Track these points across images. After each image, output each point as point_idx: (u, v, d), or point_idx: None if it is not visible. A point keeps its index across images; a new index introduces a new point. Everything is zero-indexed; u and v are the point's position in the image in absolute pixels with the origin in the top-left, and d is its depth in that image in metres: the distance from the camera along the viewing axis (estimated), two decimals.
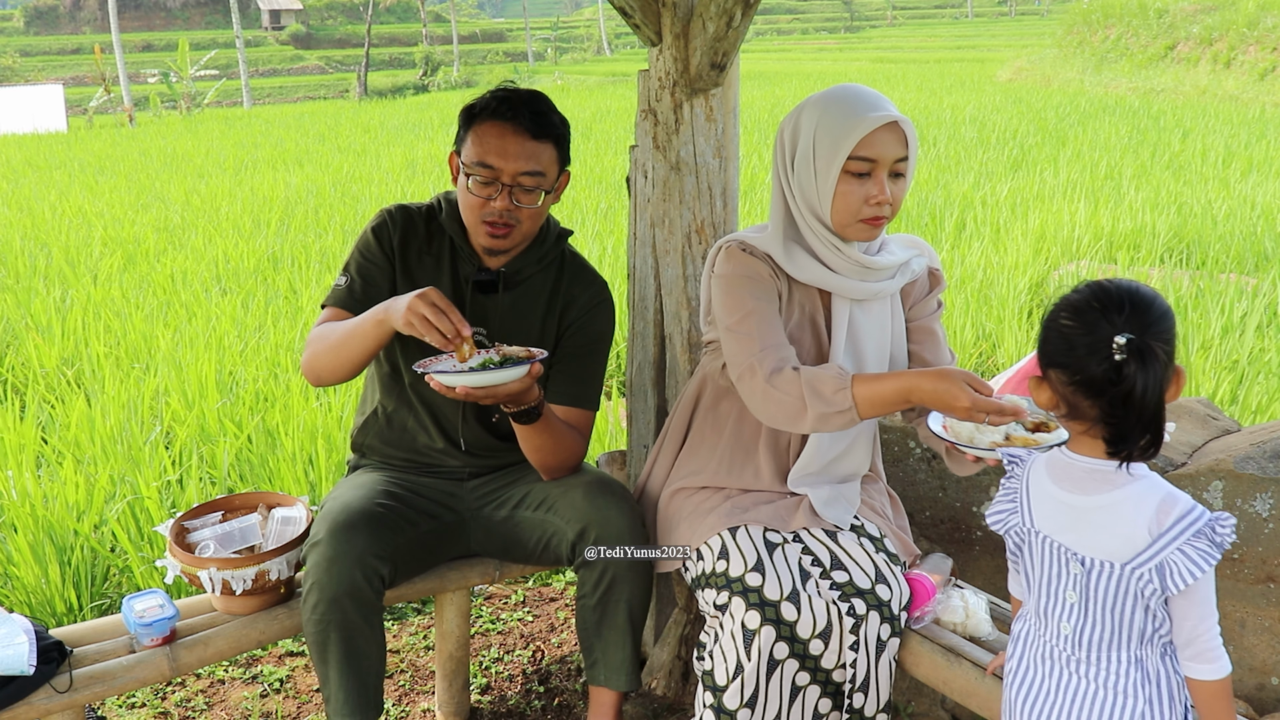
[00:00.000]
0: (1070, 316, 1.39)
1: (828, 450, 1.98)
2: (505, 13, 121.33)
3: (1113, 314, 1.36)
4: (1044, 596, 1.50)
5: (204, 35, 51.55)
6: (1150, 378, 1.34)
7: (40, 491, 3.11)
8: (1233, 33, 22.55)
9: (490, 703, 2.55)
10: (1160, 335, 1.34)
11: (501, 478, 2.20)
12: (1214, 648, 1.40)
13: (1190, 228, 7.05)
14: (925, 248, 2.05)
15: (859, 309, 1.94)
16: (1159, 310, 1.36)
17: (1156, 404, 1.35)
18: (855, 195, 1.80)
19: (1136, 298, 1.36)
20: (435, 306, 1.80)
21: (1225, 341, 4.51)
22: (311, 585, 1.90)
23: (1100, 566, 1.42)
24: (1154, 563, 1.37)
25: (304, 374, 2.06)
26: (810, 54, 49.38)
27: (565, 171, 2.10)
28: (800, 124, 1.85)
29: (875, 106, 1.80)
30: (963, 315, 5.15)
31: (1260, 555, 2.18)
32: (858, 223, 1.83)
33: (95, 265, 6.79)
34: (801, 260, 1.88)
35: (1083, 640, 1.46)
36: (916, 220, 7.77)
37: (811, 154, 1.82)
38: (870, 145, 1.78)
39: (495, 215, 1.99)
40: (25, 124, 23.42)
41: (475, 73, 42.95)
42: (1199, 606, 1.39)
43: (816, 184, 1.82)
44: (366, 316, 1.92)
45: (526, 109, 1.98)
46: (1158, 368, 1.34)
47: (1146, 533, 1.37)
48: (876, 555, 1.88)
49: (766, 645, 1.75)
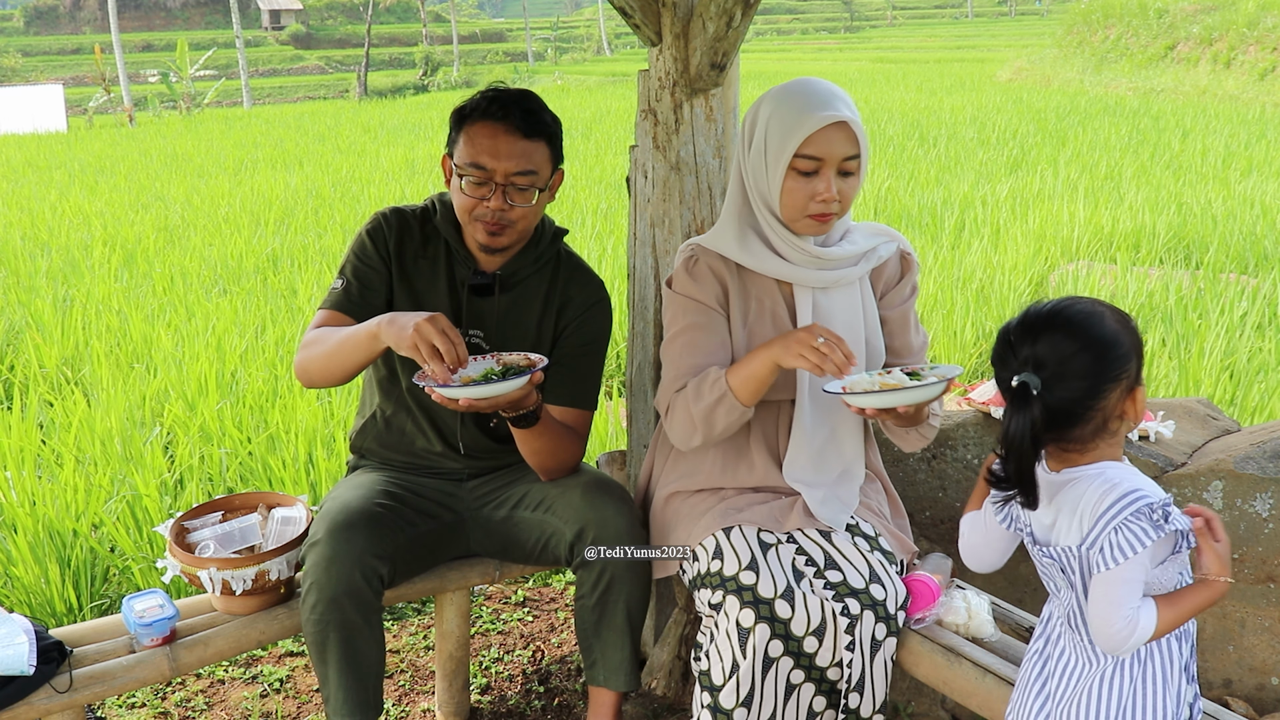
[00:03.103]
0: (999, 339, 1.45)
1: (812, 436, 1.98)
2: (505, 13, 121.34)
3: (1020, 347, 1.40)
4: (1046, 580, 1.54)
5: (204, 35, 51.54)
6: (1017, 424, 1.37)
7: (40, 491, 3.11)
8: (1233, 33, 22.55)
9: (490, 703, 2.55)
10: (1075, 371, 1.36)
11: (500, 478, 2.20)
12: (1118, 634, 1.37)
13: (1190, 228, 7.05)
14: (894, 234, 2.05)
15: (823, 295, 1.95)
16: (1084, 343, 1.37)
17: (1022, 450, 1.37)
18: (802, 192, 1.84)
19: (1052, 333, 1.38)
20: (445, 336, 1.75)
21: (1225, 341, 4.51)
22: (310, 585, 1.90)
23: (1066, 553, 1.44)
24: (1097, 545, 1.38)
25: (296, 375, 2.05)
26: (810, 54, 49.38)
27: (559, 170, 2.09)
28: (757, 117, 1.88)
29: (824, 105, 1.81)
30: (963, 315, 5.15)
31: (1260, 555, 2.18)
32: (805, 218, 1.87)
33: (95, 265, 6.79)
34: (757, 249, 1.92)
35: (1074, 622, 1.49)
36: (917, 220, 7.77)
37: (764, 148, 1.86)
38: (815, 144, 1.81)
39: (490, 216, 1.99)
40: (25, 124, 23.42)
41: (475, 73, 42.93)
42: (1113, 588, 1.36)
43: (767, 178, 1.87)
44: (361, 329, 1.89)
45: (517, 108, 1.97)
46: (1027, 416, 1.36)
47: (1091, 515, 1.39)
48: (871, 555, 1.88)
49: (761, 643, 1.75)
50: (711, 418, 1.87)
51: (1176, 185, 8.95)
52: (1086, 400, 1.38)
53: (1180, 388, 4.05)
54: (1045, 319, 1.40)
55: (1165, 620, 1.38)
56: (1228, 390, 4.05)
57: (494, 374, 1.82)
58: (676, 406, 1.93)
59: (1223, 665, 2.27)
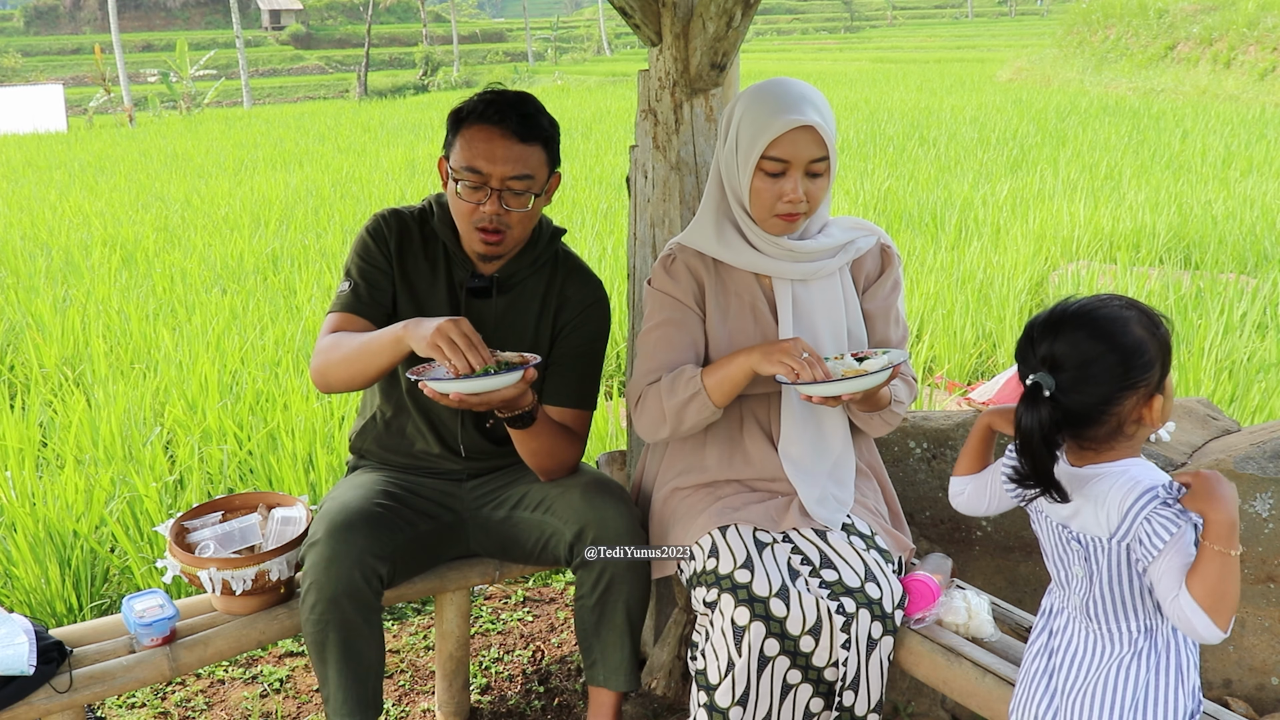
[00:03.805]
0: (1024, 332, 1.45)
1: (802, 422, 1.98)
2: (505, 13, 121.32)
3: (1040, 343, 1.40)
4: (1058, 568, 1.54)
5: (204, 35, 51.55)
6: (1028, 421, 1.38)
7: (40, 491, 3.12)
8: (1233, 33, 22.55)
9: (490, 703, 2.55)
10: (1091, 375, 1.36)
11: (500, 478, 2.20)
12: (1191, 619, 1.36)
13: (1190, 228, 7.05)
14: (872, 228, 2.07)
15: (802, 288, 1.97)
16: (1106, 347, 1.36)
17: (1035, 447, 1.38)
18: (769, 192, 1.86)
19: (1075, 332, 1.37)
20: (467, 338, 1.78)
21: (1225, 341, 4.51)
22: (310, 585, 1.90)
23: (1095, 542, 1.44)
24: (1129, 538, 1.39)
25: (314, 381, 2.04)
26: (810, 54, 49.38)
27: (555, 173, 2.09)
28: (733, 113, 1.91)
29: (791, 109, 1.82)
30: (963, 315, 5.15)
31: (1260, 555, 2.18)
32: (773, 217, 1.89)
33: (95, 265, 6.79)
34: (734, 242, 1.95)
35: (1093, 612, 1.48)
36: (917, 220, 7.77)
37: (735, 147, 1.88)
38: (782, 146, 1.83)
39: (486, 220, 1.98)
40: (25, 124, 23.43)
41: (475, 73, 42.97)
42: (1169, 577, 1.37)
43: (738, 176, 1.89)
44: (385, 334, 1.91)
45: (514, 112, 1.96)
46: (1036, 415, 1.37)
47: (1118, 510, 1.40)
48: (867, 554, 1.88)
49: (757, 641, 1.75)
50: (682, 413, 1.91)
51: (1176, 185, 8.95)
52: (1101, 405, 1.37)
53: (1180, 388, 4.04)
54: (1071, 318, 1.38)
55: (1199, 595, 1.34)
56: (1228, 390, 4.05)
57: (489, 370, 1.82)
58: (648, 398, 1.96)
59: (1223, 665, 2.27)
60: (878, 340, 2.04)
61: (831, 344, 1.97)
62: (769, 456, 2.01)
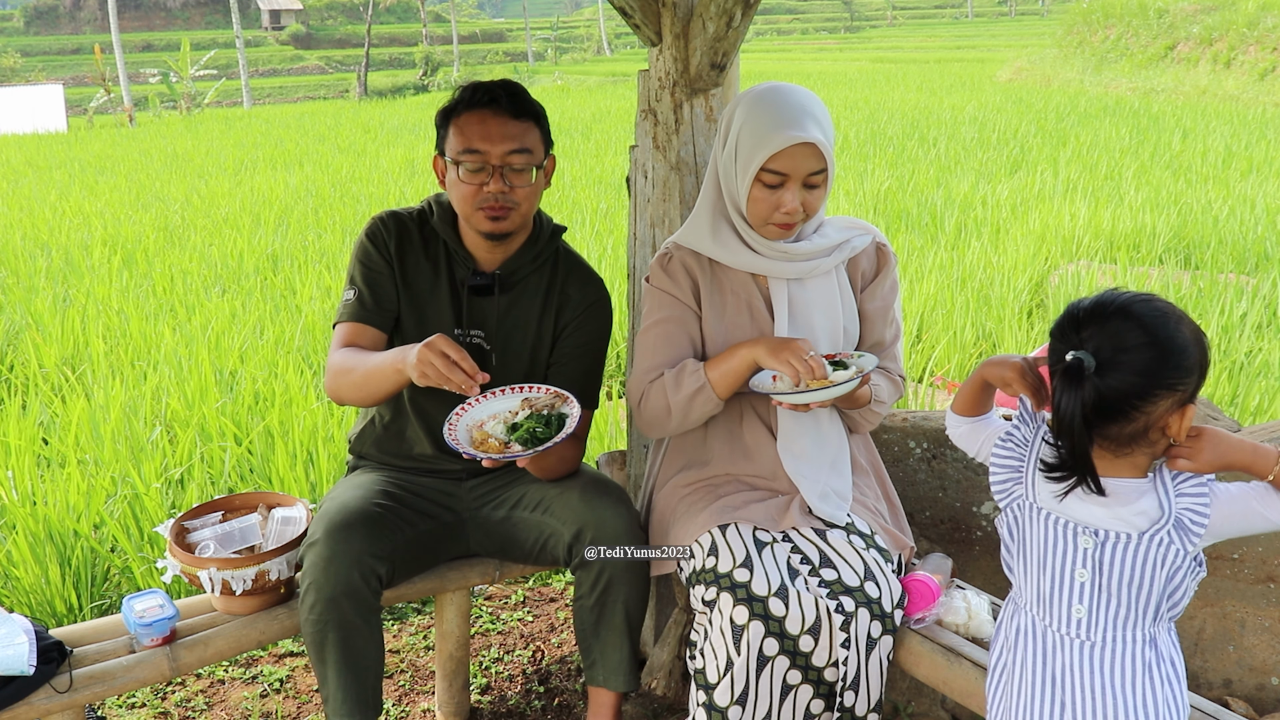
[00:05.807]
0: (1066, 313, 1.42)
1: (800, 415, 1.98)
2: (505, 13, 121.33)
3: (1085, 325, 1.37)
4: (1048, 580, 1.48)
5: (204, 35, 51.55)
6: (1068, 402, 1.34)
7: (41, 491, 3.11)
8: (1233, 33, 22.55)
9: (490, 703, 2.55)
10: (1132, 363, 1.33)
11: (500, 478, 2.20)
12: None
13: (1190, 228, 7.05)
14: (868, 227, 2.07)
15: (797, 286, 1.97)
16: (1150, 339, 1.33)
17: (1074, 430, 1.35)
18: (767, 203, 1.88)
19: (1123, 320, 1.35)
20: (446, 357, 1.80)
21: (1225, 341, 4.51)
22: (309, 585, 1.90)
23: (1117, 538, 1.41)
24: (1170, 524, 1.39)
25: (329, 396, 2.09)
26: (810, 54, 49.38)
27: (550, 154, 2.11)
28: (733, 118, 1.91)
29: (793, 124, 1.82)
30: (963, 315, 5.15)
31: (1260, 555, 2.18)
32: (769, 225, 1.91)
33: (95, 265, 6.79)
34: (729, 241, 1.96)
35: (1097, 621, 1.44)
36: (917, 220, 7.77)
37: (734, 154, 1.89)
38: (781, 160, 1.84)
39: (491, 200, 2.00)
40: (25, 124, 23.45)
41: (475, 73, 42.88)
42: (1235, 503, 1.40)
43: (737, 183, 1.90)
44: (386, 364, 1.93)
45: (502, 92, 2.00)
46: (1078, 396, 1.33)
47: (1158, 505, 1.40)
48: (866, 553, 1.88)
49: (755, 641, 1.75)
50: (689, 406, 1.92)
51: (1176, 185, 8.95)
52: (1135, 398, 1.33)
53: None
54: (1120, 307, 1.36)
55: None
56: (1227, 390, 4.05)
57: (526, 431, 1.86)
58: (652, 394, 1.97)
59: (1223, 665, 2.27)
60: (872, 340, 2.05)
61: (827, 342, 1.97)
62: (769, 450, 2.01)
